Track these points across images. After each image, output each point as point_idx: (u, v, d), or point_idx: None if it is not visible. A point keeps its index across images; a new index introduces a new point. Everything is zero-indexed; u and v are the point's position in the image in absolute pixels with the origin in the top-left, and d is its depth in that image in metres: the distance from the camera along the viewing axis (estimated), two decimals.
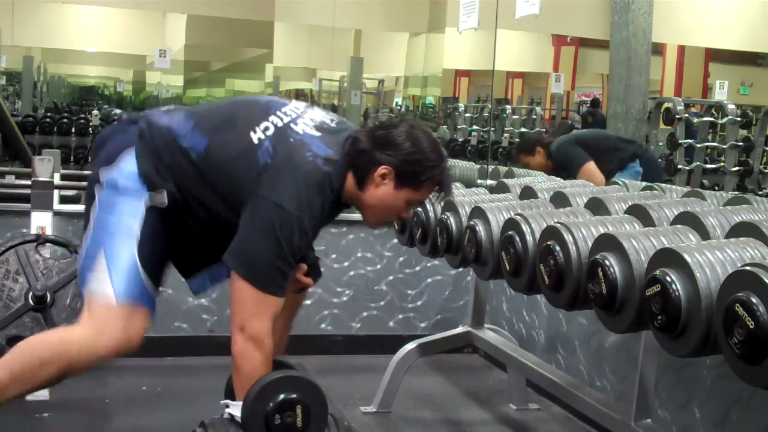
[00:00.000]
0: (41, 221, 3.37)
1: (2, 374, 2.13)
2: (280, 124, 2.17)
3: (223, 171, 2.15)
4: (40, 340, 2.23)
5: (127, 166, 2.19)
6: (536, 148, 4.59)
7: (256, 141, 2.14)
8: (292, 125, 2.18)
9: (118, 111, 9.27)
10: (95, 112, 8.65)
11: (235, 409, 2.08)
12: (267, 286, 2.07)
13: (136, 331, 2.15)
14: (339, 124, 2.25)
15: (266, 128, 2.16)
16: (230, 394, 2.18)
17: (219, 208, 2.18)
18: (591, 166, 4.46)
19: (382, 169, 2.15)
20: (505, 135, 8.27)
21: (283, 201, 2.05)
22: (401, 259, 4.19)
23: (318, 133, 2.17)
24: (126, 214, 2.16)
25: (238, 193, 2.12)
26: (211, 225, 2.22)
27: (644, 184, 2.67)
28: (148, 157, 2.18)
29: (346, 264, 4.14)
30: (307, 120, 2.21)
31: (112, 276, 2.12)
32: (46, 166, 3.41)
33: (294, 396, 2.03)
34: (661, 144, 6.54)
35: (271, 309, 2.09)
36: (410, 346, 3.34)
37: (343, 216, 4.23)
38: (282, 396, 2.02)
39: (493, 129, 8.19)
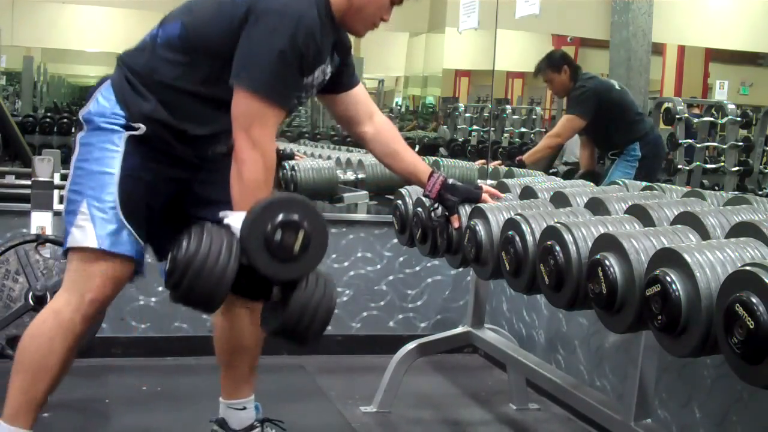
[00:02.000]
0: (41, 221, 3.37)
1: (22, 377, 2.11)
2: None
3: (207, 36, 2.12)
4: (34, 331, 2.17)
5: (102, 98, 2.17)
6: (563, 66, 4.54)
7: None
8: None
9: None
10: None
11: (233, 218, 2.04)
12: (270, 94, 2.06)
13: (117, 280, 2.14)
14: None
15: None
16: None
17: (216, 92, 2.13)
18: (573, 121, 4.46)
19: None
20: (505, 135, 8.26)
21: (280, 5, 2.04)
22: (401, 259, 4.18)
23: None
24: (105, 151, 2.12)
25: (230, 51, 2.08)
26: (210, 118, 2.17)
27: (644, 184, 2.67)
28: (125, 80, 2.15)
29: (346, 264, 4.13)
30: None
31: (94, 221, 2.10)
32: (46, 166, 3.41)
33: (301, 220, 2.00)
34: None
35: (274, 119, 2.09)
36: (410, 346, 3.34)
37: (343, 216, 4.28)
38: (286, 215, 1.98)
39: (493, 129, 8.19)
